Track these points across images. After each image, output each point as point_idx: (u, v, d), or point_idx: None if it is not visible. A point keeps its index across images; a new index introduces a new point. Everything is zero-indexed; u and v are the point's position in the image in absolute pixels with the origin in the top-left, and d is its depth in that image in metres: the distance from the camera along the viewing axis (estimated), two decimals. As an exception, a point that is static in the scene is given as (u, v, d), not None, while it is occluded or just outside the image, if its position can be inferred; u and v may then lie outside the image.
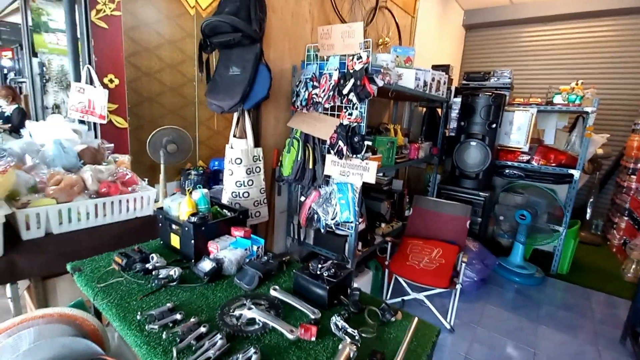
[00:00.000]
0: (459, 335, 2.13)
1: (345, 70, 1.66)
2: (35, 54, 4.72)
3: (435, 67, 3.25)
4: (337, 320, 0.97)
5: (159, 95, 3.39)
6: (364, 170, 1.69)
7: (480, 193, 2.93)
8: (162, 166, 2.78)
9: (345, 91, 1.62)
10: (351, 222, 1.76)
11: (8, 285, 1.90)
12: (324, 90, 1.70)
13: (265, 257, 1.27)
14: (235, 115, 1.76)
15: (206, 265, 1.18)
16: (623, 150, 3.96)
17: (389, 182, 2.71)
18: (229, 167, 1.73)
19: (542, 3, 4.15)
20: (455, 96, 3.07)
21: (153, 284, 1.10)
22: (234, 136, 1.78)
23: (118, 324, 0.93)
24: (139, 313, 0.95)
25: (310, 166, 1.80)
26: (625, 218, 3.50)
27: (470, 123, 2.92)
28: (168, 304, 1.00)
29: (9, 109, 4.22)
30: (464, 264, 2.09)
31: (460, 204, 2.47)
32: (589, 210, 3.94)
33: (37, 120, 2.89)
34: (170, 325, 0.92)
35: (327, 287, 1.07)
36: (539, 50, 4.49)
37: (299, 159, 1.81)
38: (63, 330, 0.95)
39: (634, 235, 3.25)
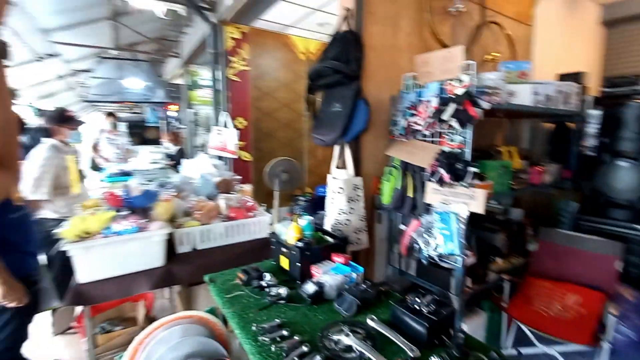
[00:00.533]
0: (613, 411, 1.66)
1: (445, 96, 1.61)
2: (190, 106, 6.12)
3: (563, 77, 2.80)
4: (436, 362, 0.92)
5: (276, 130, 3.93)
6: (470, 199, 1.57)
7: (638, 227, 2.29)
8: (276, 193, 3.17)
9: (445, 117, 1.57)
10: (456, 255, 1.63)
11: (167, 289, 2.43)
12: (423, 117, 1.68)
13: (364, 285, 1.30)
14: (337, 147, 1.90)
15: (310, 287, 1.28)
16: None
17: (505, 210, 2.40)
18: (331, 195, 1.86)
19: None
20: (593, 107, 2.56)
21: (266, 300, 1.26)
22: (336, 167, 1.91)
23: (239, 332, 1.11)
24: (254, 325, 1.10)
25: (410, 194, 1.78)
26: None
27: (617, 139, 2.36)
28: (277, 320, 1.13)
29: (174, 149, 5.51)
30: (614, 317, 1.65)
31: (605, 239, 1.98)
32: None
33: (191, 157, 3.67)
34: (278, 339, 1.04)
35: (427, 325, 1.03)
36: None
37: (398, 187, 1.81)
38: (200, 330, 1.19)
39: None
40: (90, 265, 1.54)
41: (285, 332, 1.06)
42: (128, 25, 4.80)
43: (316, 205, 3.05)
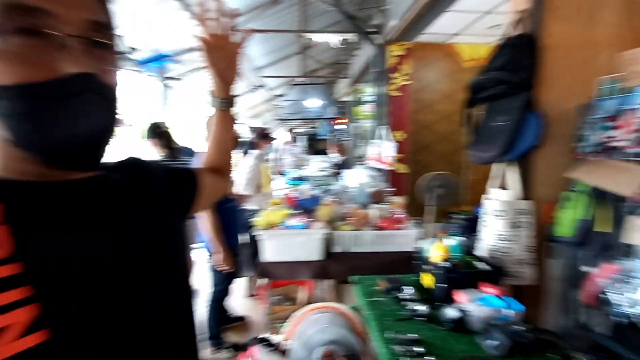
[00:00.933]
0: None
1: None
2: (354, 121, 6.70)
3: None
4: None
5: (434, 143, 3.83)
6: None
7: None
8: (430, 208, 3.09)
9: (669, 131, 1.16)
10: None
11: (323, 281, 2.80)
12: (629, 130, 1.29)
13: (520, 327, 1.14)
14: (497, 165, 1.70)
15: (452, 312, 1.23)
16: None
17: None
18: (487, 218, 1.68)
19: None
20: None
21: (403, 313, 1.30)
22: (496, 187, 1.72)
23: (376, 334, 1.20)
24: (389, 332, 1.17)
25: (602, 229, 1.39)
26: None
27: None
28: (414, 335, 1.15)
29: (339, 159, 6.18)
30: None
31: None
32: None
33: (351, 167, 4.06)
34: (413, 354, 1.06)
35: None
36: None
37: (584, 217, 1.45)
38: (343, 322, 1.35)
39: None
40: (271, 248, 2.00)
41: (419, 349, 1.07)
42: (311, 55, 5.79)
43: (473, 225, 2.78)
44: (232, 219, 2.22)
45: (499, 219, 1.62)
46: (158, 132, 2.57)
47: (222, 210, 2.14)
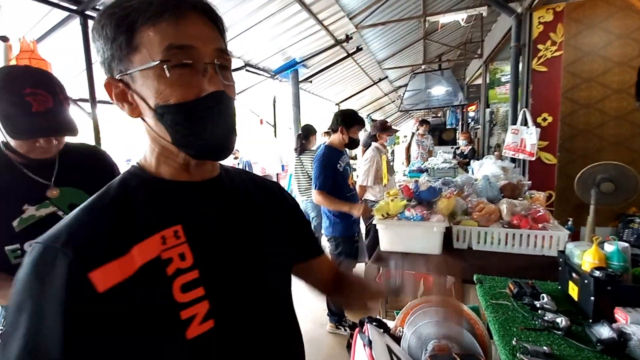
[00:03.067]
0: None
1: None
2: (488, 105, 5.98)
3: None
4: None
5: (598, 126, 3.05)
6: None
7: None
8: (591, 207, 2.49)
9: None
10: None
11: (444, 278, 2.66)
12: None
13: None
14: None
15: (604, 331, 1.01)
16: None
17: None
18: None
19: None
20: None
21: (536, 322, 1.14)
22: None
23: (497, 338, 1.10)
24: (515, 339, 1.05)
25: None
26: None
27: None
28: (545, 348, 1.00)
29: (466, 149, 5.68)
30: None
31: None
32: None
33: (482, 157, 3.65)
34: (542, 366, 0.93)
35: None
36: None
37: None
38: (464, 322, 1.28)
39: None
40: (388, 238, 2.04)
41: (552, 364, 0.93)
42: (435, 40, 5.40)
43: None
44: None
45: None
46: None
47: (344, 199, 2.32)
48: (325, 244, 2.57)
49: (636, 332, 0.96)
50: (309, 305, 2.72)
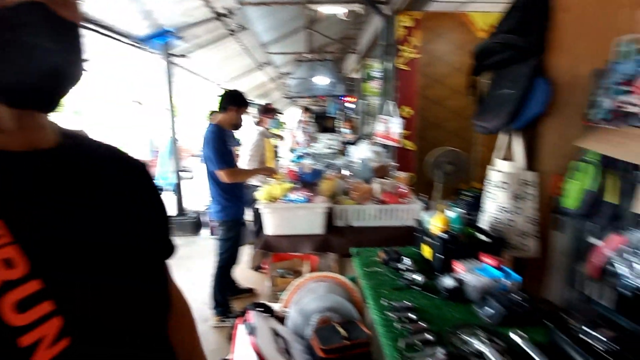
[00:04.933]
0: None
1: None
2: (363, 98, 6.57)
3: None
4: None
5: (444, 120, 3.71)
6: None
7: None
8: (438, 185, 3.04)
9: (689, 94, 1.08)
10: (687, 294, 1.13)
11: (328, 255, 2.83)
12: (647, 96, 1.21)
13: (517, 297, 1.12)
14: (503, 135, 1.64)
15: (448, 281, 1.22)
16: None
17: None
18: (491, 190, 1.64)
19: None
20: None
21: (400, 282, 1.30)
22: (500, 158, 1.66)
23: (371, 302, 1.20)
24: (385, 300, 1.17)
25: (610, 200, 1.34)
26: None
27: None
28: (407, 303, 1.15)
29: (352, 137, 6.11)
30: None
31: None
32: None
33: (359, 144, 3.98)
34: (405, 320, 1.07)
35: (598, 364, 0.80)
36: None
37: (592, 188, 1.39)
38: (341, 292, 1.36)
39: None
40: (273, 222, 2.02)
41: (412, 316, 1.08)
42: (319, 31, 5.61)
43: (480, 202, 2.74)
44: (237, 192, 2.25)
45: (502, 191, 1.58)
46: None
47: (228, 184, 2.18)
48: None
49: (470, 278, 1.20)
50: (187, 297, 2.48)
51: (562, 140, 1.54)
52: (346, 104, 8.31)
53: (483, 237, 1.46)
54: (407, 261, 1.41)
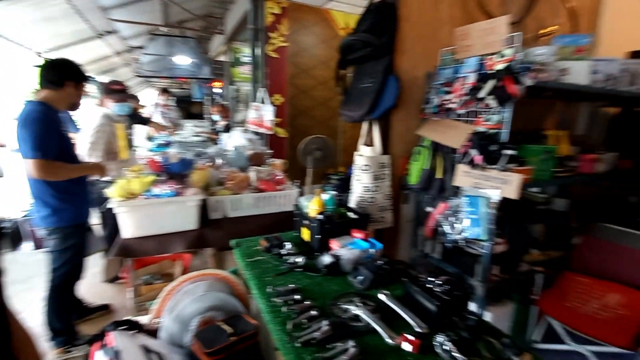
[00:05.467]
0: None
1: (483, 71, 1.51)
2: (232, 83, 6.27)
3: (635, 54, 2.45)
4: (444, 341, 0.92)
5: (312, 109, 3.94)
6: (503, 183, 1.48)
7: None
8: (310, 170, 3.22)
9: (481, 94, 1.47)
10: (483, 241, 1.57)
11: (203, 251, 2.63)
12: (458, 95, 1.59)
13: (381, 262, 1.31)
14: (365, 124, 1.87)
15: (326, 259, 1.32)
16: None
17: (548, 200, 2.23)
18: (356, 172, 1.86)
19: None
20: (670, 90, 2.22)
21: (283, 267, 1.32)
22: (364, 144, 1.89)
23: (255, 292, 1.18)
24: (270, 287, 1.17)
25: (439, 176, 1.71)
26: None
27: (696, 127, 2.05)
28: (291, 285, 1.18)
29: (222, 124, 5.73)
30: (662, 323, 1.50)
31: (664, 238, 1.78)
32: None
33: (232, 132, 3.79)
34: (291, 302, 1.09)
35: (438, 304, 1.02)
36: None
37: (426, 167, 1.75)
38: (222, 288, 1.28)
39: None
40: (133, 222, 1.71)
41: (297, 297, 1.11)
42: (177, 2, 4.98)
43: (348, 184, 3.07)
44: (76, 190, 1.79)
45: (365, 173, 1.80)
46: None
47: (66, 180, 1.70)
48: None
49: (344, 253, 1.33)
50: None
51: (407, 129, 1.87)
52: (214, 89, 7.78)
53: (352, 215, 1.63)
54: (288, 246, 1.45)
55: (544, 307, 1.78)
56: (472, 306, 1.73)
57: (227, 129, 5.54)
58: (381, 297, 1.13)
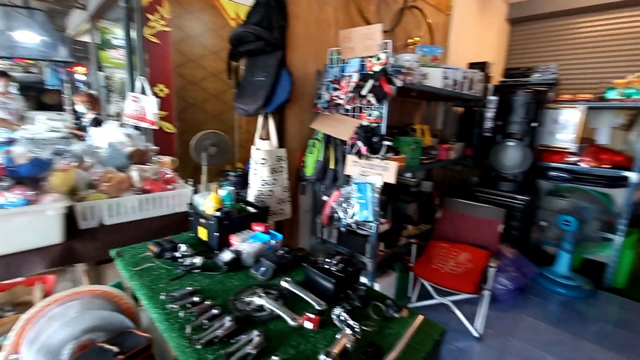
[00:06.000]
0: (489, 345, 2.03)
1: (365, 72, 1.69)
2: (101, 69, 5.38)
3: (472, 65, 3.13)
4: (340, 312, 1.02)
5: (203, 102, 3.69)
6: (384, 170, 1.71)
7: (519, 196, 2.75)
8: (204, 167, 3.02)
9: (364, 92, 1.65)
10: (371, 222, 1.78)
11: (72, 268, 2.20)
12: (345, 92, 1.74)
13: (282, 252, 1.35)
14: (260, 118, 1.87)
15: (226, 255, 1.28)
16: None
17: (418, 183, 2.67)
18: (254, 166, 1.85)
19: (598, -11, 3.78)
20: (493, 94, 2.93)
21: (179, 270, 1.23)
22: (260, 138, 1.89)
23: (146, 302, 1.07)
24: (163, 294, 1.07)
25: (332, 166, 1.85)
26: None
27: (508, 122, 2.77)
28: (189, 288, 1.11)
29: (89, 117, 4.83)
30: (493, 270, 1.99)
31: (491, 207, 2.35)
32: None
33: (101, 125, 3.24)
34: (189, 306, 1.03)
35: (334, 281, 1.12)
36: (590, 43, 4.08)
37: (320, 159, 1.87)
38: (103, 305, 1.11)
39: None
40: (-38, 244, 1.31)
41: (196, 299, 1.05)
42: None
43: (247, 179, 3.01)
44: None
45: (263, 167, 1.81)
46: None
47: None
48: None
49: (245, 247, 1.31)
50: None
51: (301, 123, 1.95)
52: (76, 75, 6.46)
53: (252, 209, 1.62)
54: (183, 248, 1.35)
55: (417, 271, 2.14)
56: (364, 279, 1.95)
57: (97, 122, 4.69)
58: (283, 284, 1.16)
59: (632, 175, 2.53)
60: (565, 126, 2.77)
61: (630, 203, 2.59)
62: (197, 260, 1.26)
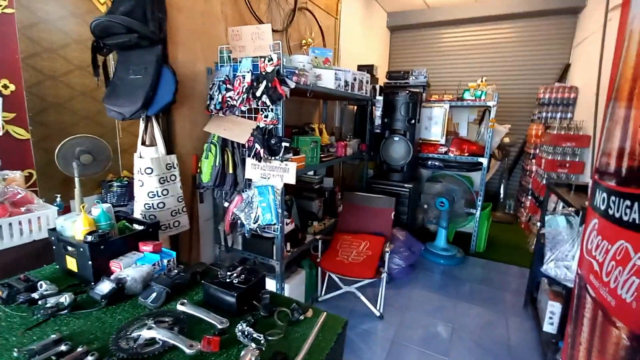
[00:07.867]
0: (388, 321, 2.27)
1: (258, 72, 1.65)
2: None
3: (360, 67, 3.39)
4: (243, 327, 0.97)
5: (69, 100, 3.06)
6: (284, 172, 1.71)
7: (405, 185, 3.14)
8: (76, 179, 2.52)
9: (258, 93, 1.61)
10: (274, 224, 1.76)
11: None
12: (238, 93, 1.67)
13: (176, 271, 1.22)
14: (142, 121, 1.66)
15: (105, 287, 1.10)
16: (525, 138, 4.53)
17: (320, 180, 2.78)
18: (138, 177, 1.63)
19: (454, 7, 4.55)
20: (380, 94, 3.24)
21: (38, 315, 0.99)
22: (143, 144, 1.67)
23: (-12, 365, 0.83)
24: (16, 350, 0.85)
25: (231, 171, 1.77)
26: (529, 197, 4.01)
27: (393, 119, 3.11)
28: (53, 336, 0.91)
29: None
30: (388, 253, 2.22)
31: (384, 196, 2.62)
32: (501, 193, 4.43)
33: None
34: (54, 359, 0.84)
35: (235, 294, 1.07)
36: (451, 51, 4.93)
37: (217, 164, 1.76)
38: None
39: (535, 212, 3.74)
40: None
41: (63, 348, 0.87)
42: None
43: (132, 191, 2.64)
44: None
45: (150, 177, 1.61)
46: None
47: None
48: None
49: (129, 273, 1.14)
50: None
51: (193, 126, 1.79)
52: None
53: (138, 227, 1.42)
54: (45, 285, 1.09)
55: (324, 265, 2.24)
56: (273, 282, 1.94)
57: None
58: (180, 307, 1.06)
59: (483, 161, 3.15)
60: (436, 122, 3.26)
61: (484, 183, 3.23)
62: (65, 298, 1.04)
